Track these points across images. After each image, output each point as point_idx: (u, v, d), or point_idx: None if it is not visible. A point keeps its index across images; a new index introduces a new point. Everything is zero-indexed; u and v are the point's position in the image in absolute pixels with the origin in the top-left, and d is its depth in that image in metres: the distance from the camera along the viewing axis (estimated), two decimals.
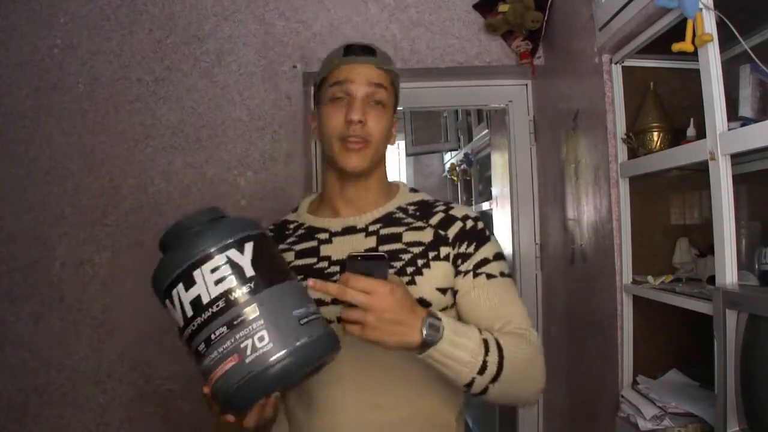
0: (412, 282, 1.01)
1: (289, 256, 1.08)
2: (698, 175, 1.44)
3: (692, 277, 1.52)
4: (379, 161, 1.11)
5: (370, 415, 1.00)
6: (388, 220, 1.09)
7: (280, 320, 0.84)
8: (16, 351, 2.07)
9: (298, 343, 0.83)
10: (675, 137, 1.48)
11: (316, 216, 1.13)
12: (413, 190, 1.18)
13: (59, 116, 2.12)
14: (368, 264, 0.87)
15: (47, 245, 2.09)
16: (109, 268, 2.10)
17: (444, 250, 1.05)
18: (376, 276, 0.86)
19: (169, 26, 2.15)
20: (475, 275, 1.04)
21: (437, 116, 4.27)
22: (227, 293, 0.85)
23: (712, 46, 1.15)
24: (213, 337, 0.85)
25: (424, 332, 0.86)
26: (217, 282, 0.85)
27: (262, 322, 0.84)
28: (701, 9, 1.14)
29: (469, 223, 1.08)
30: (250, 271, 0.86)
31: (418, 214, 1.10)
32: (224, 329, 0.84)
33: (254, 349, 0.83)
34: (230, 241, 0.88)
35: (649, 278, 1.49)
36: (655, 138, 1.50)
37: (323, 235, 1.09)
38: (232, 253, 0.87)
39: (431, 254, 1.04)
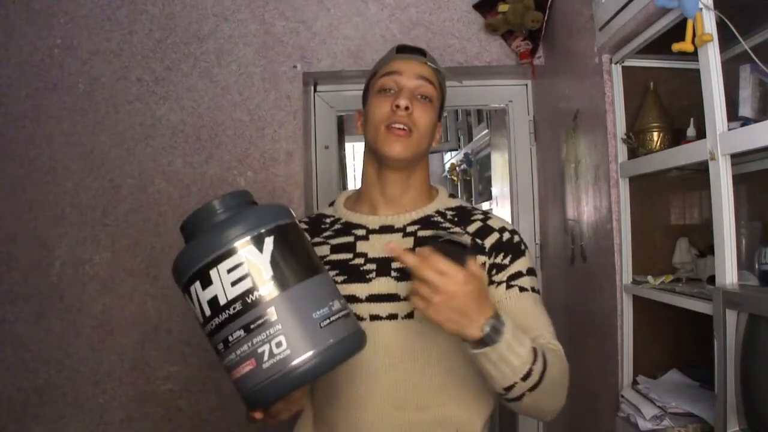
0: None
1: (324, 250, 1.08)
2: (698, 175, 1.44)
3: (692, 277, 1.52)
4: (421, 158, 1.11)
5: (394, 414, 1.00)
6: (426, 222, 1.09)
7: (299, 324, 0.82)
8: (16, 351, 2.07)
9: (316, 350, 0.81)
10: (675, 137, 1.48)
11: (353, 212, 1.13)
12: (452, 196, 1.19)
13: (59, 116, 2.12)
14: (450, 248, 0.85)
15: (47, 245, 2.09)
16: (109, 268, 2.10)
17: (480, 259, 1.05)
18: (454, 261, 0.84)
19: (169, 26, 2.15)
20: (509, 287, 1.05)
21: None
22: (244, 295, 0.82)
23: (712, 46, 1.14)
24: (230, 339, 0.83)
25: (486, 330, 0.86)
26: (234, 283, 0.82)
27: (279, 327, 0.81)
28: (701, 9, 1.14)
29: (506, 235, 1.09)
30: (268, 272, 0.83)
31: (456, 219, 1.11)
32: (241, 332, 0.82)
33: (271, 355, 0.80)
34: (249, 237, 0.83)
35: (649, 278, 1.49)
36: (655, 138, 1.50)
37: (360, 232, 1.09)
38: (251, 251, 0.83)
39: None
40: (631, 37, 1.47)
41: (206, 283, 0.83)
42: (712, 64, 1.15)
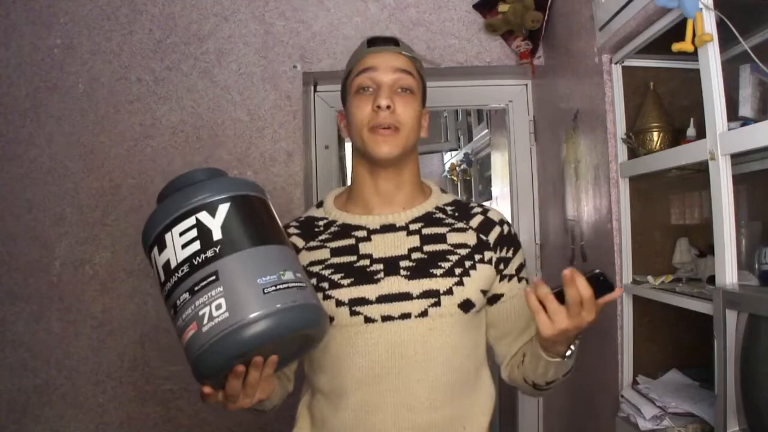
0: (460, 283, 1.02)
1: (324, 254, 1.05)
2: (698, 175, 1.44)
3: (692, 277, 1.52)
4: (411, 152, 1.08)
5: (408, 416, 0.99)
6: (428, 219, 1.08)
7: (240, 288, 0.79)
8: (16, 351, 2.07)
9: (255, 314, 0.78)
10: (675, 137, 1.48)
11: (348, 213, 1.10)
12: (442, 191, 1.17)
13: (59, 116, 2.12)
14: (600, 287, 0.88)
15: (47, 245, 2.09)
16: (109, 268, 2.10)
17: (487, 255, 1.07)
18: (596, 295, 0.87)
19: (169, 26, 2.15)
20: (519, 279, 1.10)
21: (437, 116, 4.27)
22: (192, 257, 0.81)
23: (712, 46, 1.14)
24: (178, 303, 0.81)
25: (569, 352, 0.96)
26: (184, 246, 0.81)
27: (221, 289, 0.79)
28: (701, 9, 1.14)
29: (506, 228, 1.11)
30: (217, 235, 0.82)
31: (456, 214, 1.10)
32: (187, 296, 0.80)
33: (211, 317, 0.78)
34: (203, 203, 0.83)
35: (649, 278, 1.49)
36: (655, 138, 1.50)
37: (361, 233, 1.06)
38: (203, 216, 0.83)
39: (477, 257, 1.06)
40: (631, 37, 1.47)
41: (162, 247, 0.83)
42: (712, 64, 1.15)
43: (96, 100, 2.13)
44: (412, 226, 1.07)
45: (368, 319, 0.99)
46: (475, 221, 1.10)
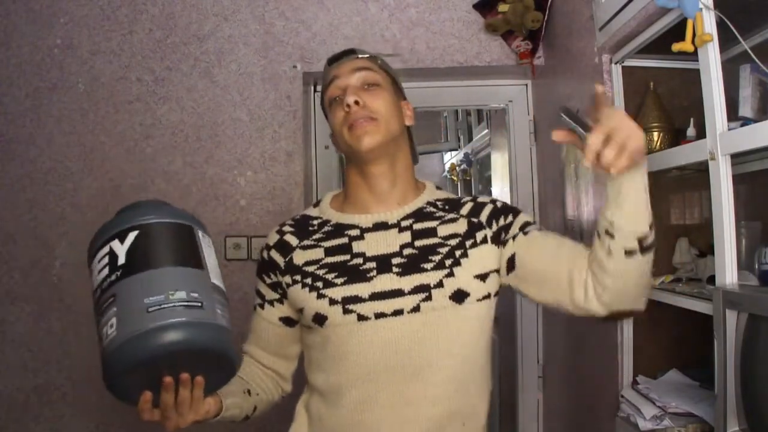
0: (450, 274, 1.02)
1: (318, 253, 1.06)
2: (698, 175, 1.44)
3: (692, 277, 1.52)
4: (397, 144, 1.09)
5: (405, 411, 1.00)
6: (419, 215, 1.09)
7: (128, 308, 0.85)
8: (16, 351, 2.07)
9: (135, 333, 0.82)
10: (675, 137, 1.48)
11: (342, 213, 1.12)
12: (438, 188, 1.18)
13: (59, 116, 2.12)
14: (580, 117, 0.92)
15: (47, 245, 2.09)
16: None
17: (480, 235, 1.07)
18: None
19: (169, 26, 2.15)
20: (525, 232, 1.06)
21: (437, 116, 4.27)
22: (102, 281, 0.88)
23: (712, 46, 1.14)
24: (95, 322, 0.89)
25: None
26: (99, 272, 0.89)
27: (116, 309, 0.85)
28: (701, 9, 1.14)
29: (499, 203, 1.12)
30: (122, 260, 0.88)
31: (447, 208, 1.11)
32: (98, 317, 0.88)
33: (106, 336, 0.85)
34: (116, 231, 0.90)
35: None
36: (655, 138, 1.50)
37: (354, 232, 1.08)
38: (114, 244, 0.89)
39: (468, 243, 1.06)
40: (631, 37, 1.47)
41: (90, 275, 0.91)
42: (712, 64, 1.15)
43: (96, 100, 2.13)
44: (404, 223, 1.08)
45: (361, 317, 1.00)
46: (466, 208, 1.10)
